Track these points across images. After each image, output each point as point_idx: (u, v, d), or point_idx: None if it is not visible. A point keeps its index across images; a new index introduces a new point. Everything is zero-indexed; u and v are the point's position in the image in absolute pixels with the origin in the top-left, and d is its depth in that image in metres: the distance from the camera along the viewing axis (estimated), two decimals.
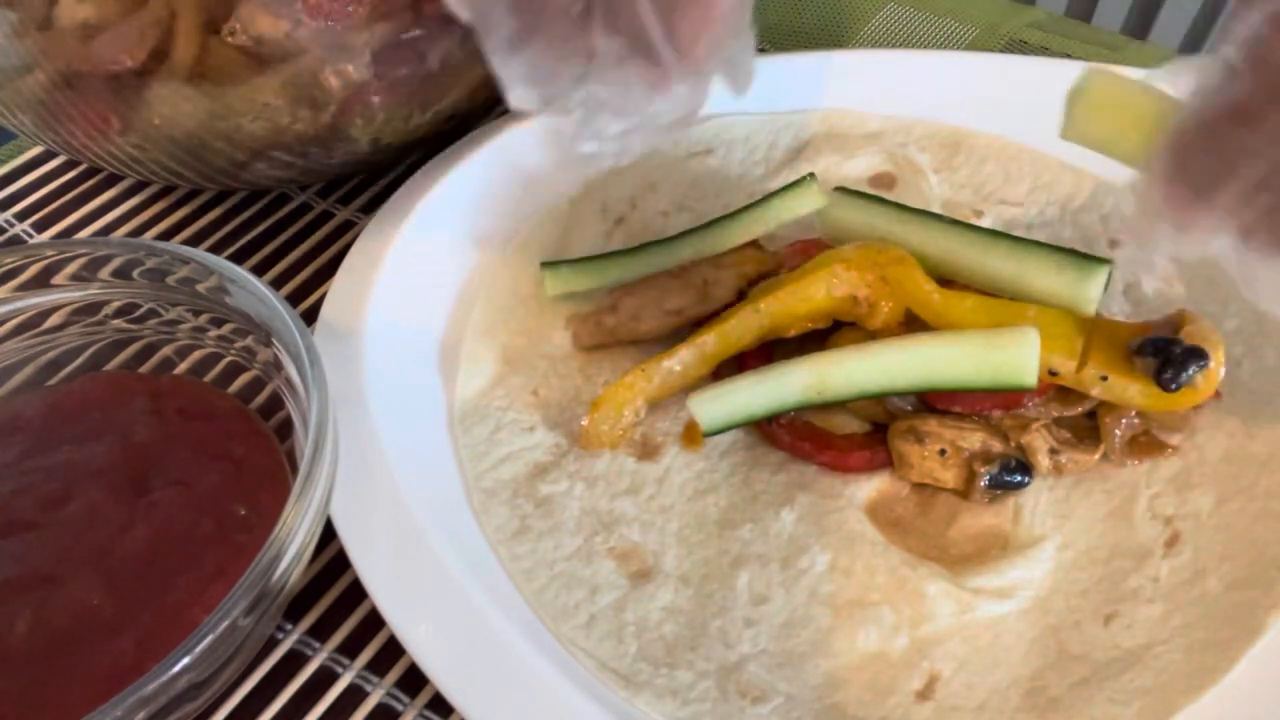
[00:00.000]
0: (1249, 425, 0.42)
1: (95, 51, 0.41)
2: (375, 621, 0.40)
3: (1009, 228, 0.50)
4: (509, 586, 0.39)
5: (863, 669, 0.38)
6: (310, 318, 0.47)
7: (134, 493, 0.39)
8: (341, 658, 0.39)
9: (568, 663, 0.37)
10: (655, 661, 0.38)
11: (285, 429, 0.41)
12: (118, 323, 0.44)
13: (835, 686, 0.37)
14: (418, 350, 0.46)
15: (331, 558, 0.42)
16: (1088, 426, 0.43)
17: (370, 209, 0.55)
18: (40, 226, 0.55)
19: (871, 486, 0.43)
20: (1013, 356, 0.39)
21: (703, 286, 0.46)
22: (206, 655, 0.31)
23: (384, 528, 0.39)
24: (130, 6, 0.40)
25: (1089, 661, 0.37)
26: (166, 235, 0.54)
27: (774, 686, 0.37)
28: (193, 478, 0.39)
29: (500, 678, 0.35)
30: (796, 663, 0.38)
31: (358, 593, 0.41)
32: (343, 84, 0.44)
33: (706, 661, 0.38)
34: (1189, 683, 0.36)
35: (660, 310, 0.46)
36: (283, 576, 0.34)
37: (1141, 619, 0.38)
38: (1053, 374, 0.41)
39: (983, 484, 0.41)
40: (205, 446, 0.41)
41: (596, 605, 0.39)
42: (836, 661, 0.38)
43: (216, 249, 0.54)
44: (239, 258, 0.53)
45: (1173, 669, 0.37)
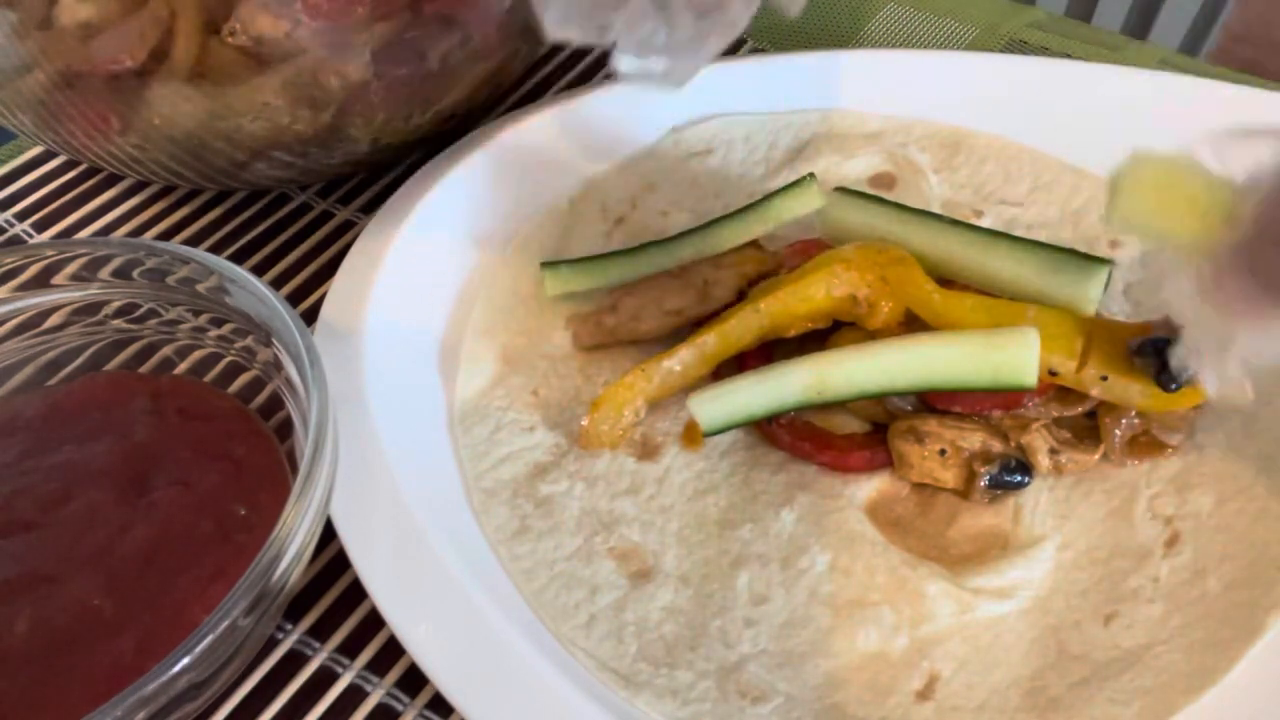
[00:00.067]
0: (1249, 425, 0.42)
1: (95, 51, 0.41)
2: (375, 621, 0.40)
3: (1009, 228, 0.50)
4: (509, 586, 0.39)
5: (863, 669, 0.38)
6: (310, 318, 0.47)
7: (134, 493, 0.39)
8: (341, 658, 0.39)
9: (568, 663, 0.37)
10: (655, 661, 0.38)
11: (285, 429, 0.41)
12: (118, 323, 0.44)
13: (835, 686, 0.37)
14: (418, 350, 0.46)
15: (331, 558, 0.42)
16: (1088, 426, 0.43)
17: (370, 209, 0.55)
18: (40, 226, 0.55)
19: (871, 486, 0.43)
20: (1013, 356, 0.39)
21: (703, 286, 0.46)
22: (206, 655, 0.31)
23: (384, 528, 0.39)
24: (130, 6, 0.40)
25: (1089, 661, 0.37)
26: (166, 235, 0.54)
27: (774, 686, 0.37)
28: (193, 478, 0.39)
29: (500, 678, 0.36)
30: (796, 663, 0.38)
31: (358, 593, 0.41)
32: (343, 84, 0.44)
33: (706, 661, 0.38)
34: (1189, 683, 0.36)
35: (660, 310, 0.46)
36: (283, 576, 0.34)
37: (1141, 619, 0.38)
38: (1053, 374, 0.41)
39: (983, 484, 0.41)
40: (205, 446, 0.41)
41: (596, 605, 0.39)
42: (836, 661, 0.38)
43: (216, 249, 0.54)
44: (239, 258, 0.53)
45: (1173, 669, 0.37)
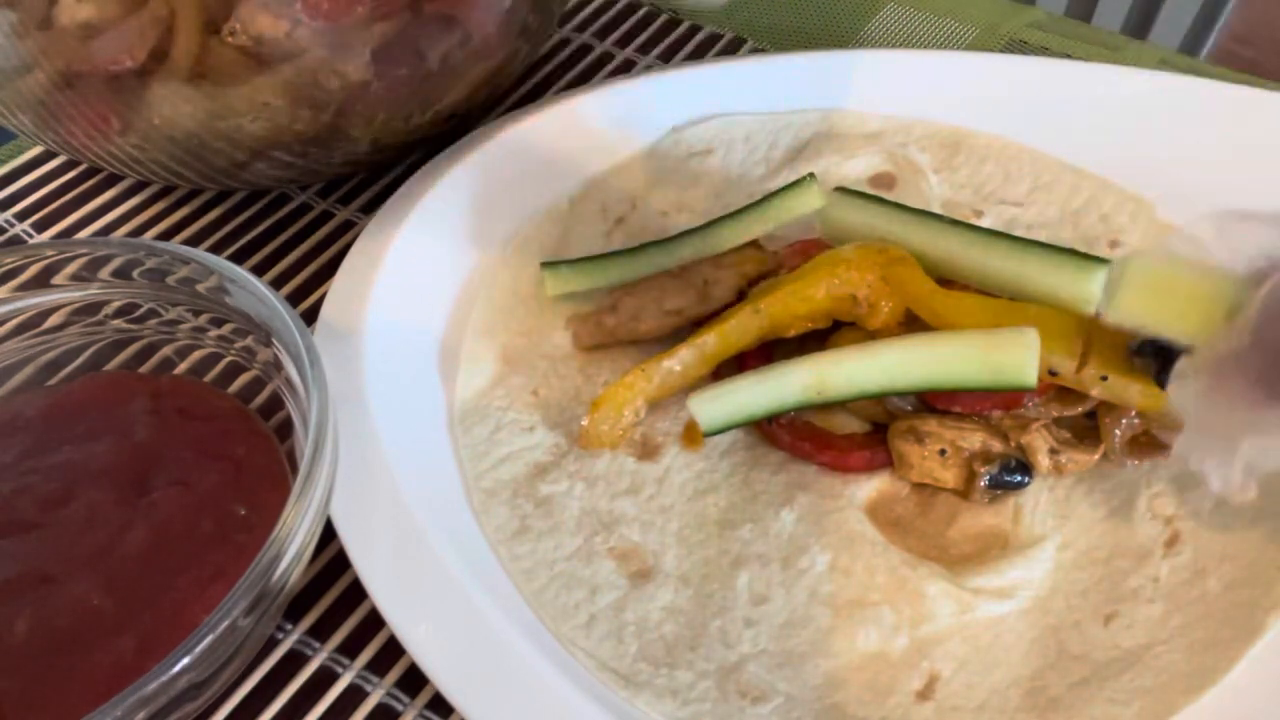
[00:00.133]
0: None
1: (95, 51, 0.41)
2: (375, 621, 0.40)
3: (1009, 228, 0.50)
4: (509, 586, 0.39)
5: (863, 669, 0.38)
6: (310, 318, 0.47)
7: (134, 493, 0.39)
8: (341, 658, 0.39)
9: (568, 663, 0.37)
10: (655, 661, 0.38)
11: (285, 429, 0.41)
12: (118, 323, 0.44)
13: (835, 686, 0.37)
14: (418, 350, 0.46)
15: (331, 558, 0.42)
16: (1088, 426, 0.43)
17: (370, 209, 0.55)
18: (40, 226, 0.55)
19: (871, 486, 0.43)
20: (1013, 356, 0.39)
21: (703, 286, 0.46)
22: (206, 655, 0.31)
23: (384, 528, 0.39)
24: (130, 6, 0.40)
25: (1089, 661, 0.37)
26: (166, 235, 0.54)
27: (774, 686, 0.37)
28: (193, 478, 0.39)
29: (500, 678, 0.36)
30: (796, 663, 0.38)
31: (358, 593, 0.41)
32: (343, 84, 0.44)
33: (706, 661, 0.38)
34: (1189, 683, 0.36)
35: (660, 310, 0.46)
36: (283, 576, 0.34)
37: (1141, 619, 0.38)
38: (1053, 374, 0.41)
39: (983, 484, 0.41)
40: (205, 446, 0.41)
41: (596, 605, 0.39)
42: (836, 661, 0.38)
43: (216, 249, 0.54)
44: (239, 258, 0.53)
45: (1173, 669, 0.37)
